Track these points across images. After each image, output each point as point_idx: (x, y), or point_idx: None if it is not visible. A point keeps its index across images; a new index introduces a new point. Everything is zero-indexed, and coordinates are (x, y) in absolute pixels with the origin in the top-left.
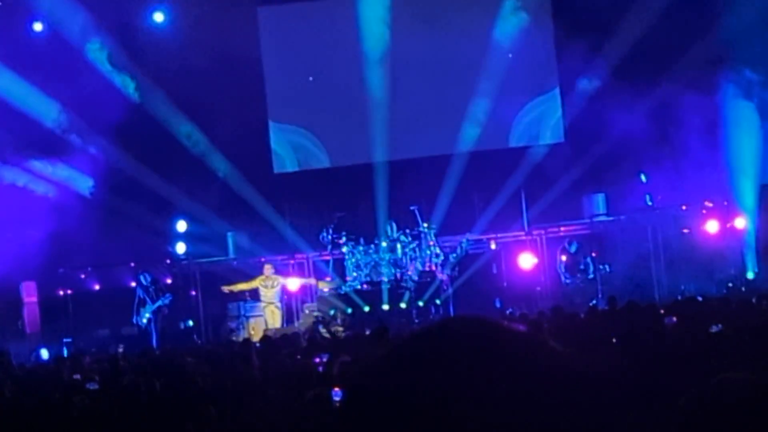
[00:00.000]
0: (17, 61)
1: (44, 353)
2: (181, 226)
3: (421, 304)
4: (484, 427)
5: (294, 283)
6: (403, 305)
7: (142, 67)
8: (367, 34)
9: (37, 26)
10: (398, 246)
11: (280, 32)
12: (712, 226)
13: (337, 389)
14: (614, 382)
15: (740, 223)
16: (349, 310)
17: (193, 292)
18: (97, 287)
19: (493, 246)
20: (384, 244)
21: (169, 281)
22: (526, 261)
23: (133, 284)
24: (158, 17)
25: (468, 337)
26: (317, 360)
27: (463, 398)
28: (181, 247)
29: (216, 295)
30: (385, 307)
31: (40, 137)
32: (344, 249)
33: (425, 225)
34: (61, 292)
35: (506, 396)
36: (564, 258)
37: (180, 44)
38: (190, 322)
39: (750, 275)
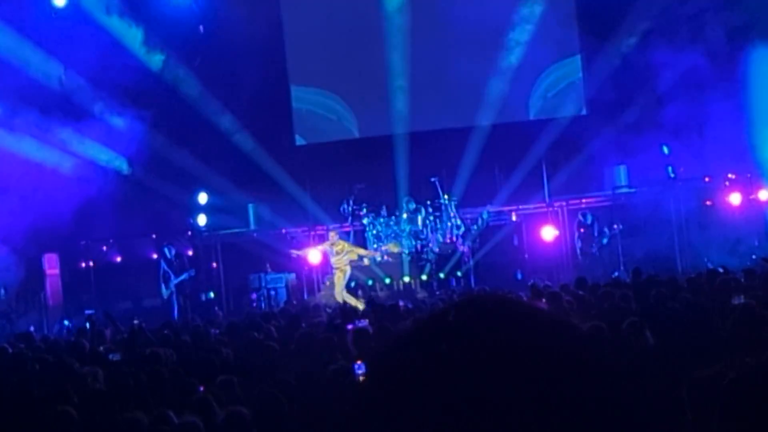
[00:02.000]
0: (35, 29)
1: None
2: (202, 198)
3: (442, 275)
4: (503, 406)
5: (315, 255)
6: (424, 277)
7: (149, 25)
8: (388, 2)
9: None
10: (419, 218)
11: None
12: (735, 198)
13: (359, 362)
14: (636, 362)
15: (764, 195)
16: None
17: (214, 264)
18: (118, 259)
19: (514, 218)
20: (404, 215)
21: (190, 253)
22: (549, 233)
23: (155, 256)
24: None
25: (489, 315)
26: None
27: (485, 377)
28: (202, 219)
29: (237, 267)
30: (406, 279)
31: (62, 108)
32: (365, 221)
33: (446, 197)
34: (83, 264)
35: (527, 375)
36: (582, 230)
37: (198, 13)
38: (212, 294)
39: None
